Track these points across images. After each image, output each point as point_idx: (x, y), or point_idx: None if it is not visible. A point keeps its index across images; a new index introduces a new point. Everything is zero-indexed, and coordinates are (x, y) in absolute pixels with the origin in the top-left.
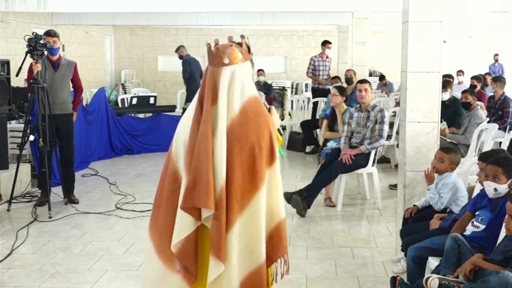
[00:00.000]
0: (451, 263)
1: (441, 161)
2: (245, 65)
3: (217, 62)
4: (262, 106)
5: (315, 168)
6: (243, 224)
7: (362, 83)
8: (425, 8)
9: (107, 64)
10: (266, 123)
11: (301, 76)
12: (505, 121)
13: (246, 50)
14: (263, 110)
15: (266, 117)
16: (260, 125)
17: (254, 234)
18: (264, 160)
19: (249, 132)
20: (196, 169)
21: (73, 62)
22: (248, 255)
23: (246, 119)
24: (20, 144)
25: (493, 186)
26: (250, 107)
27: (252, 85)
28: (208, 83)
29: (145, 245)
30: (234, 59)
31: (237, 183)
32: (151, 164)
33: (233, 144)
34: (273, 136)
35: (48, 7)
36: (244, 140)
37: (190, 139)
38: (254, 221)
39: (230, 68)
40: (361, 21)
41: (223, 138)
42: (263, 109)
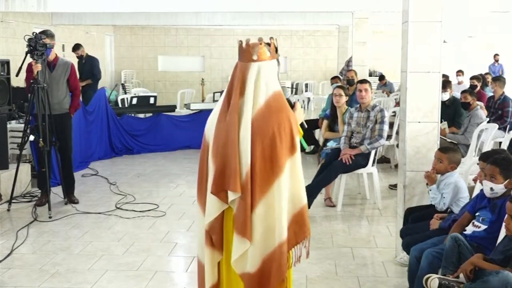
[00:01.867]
0: (451, 263)
1: (440, 161)
2: (272, 63)
3: (246, 58)
4: (284, 101)
5: (315, 168)
6: (265, 206)
7: (362, 83)
8: (425, 8)
9: (107, 64)
10: (287, 116)
11: (301, 76)
12: (505, 121)
13: (274, 50)
14: (285, 105)
15: (287, 111)
16: (282, 118)
17: (275, 217)
18: (285, 150)
19: (271, 124)
20: (224, 156)
21: (70, 63)
22: (270, 235)
23: (270, 112)
24: (20, 144)
25: (490, 186)
26: (274, 101)
27: (276, 82)
28: (238, 77)
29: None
30: (262, 56)
31: (259, 169)
32: (151, 164)
33: (256, 134)
34: (294, 129)
35: (48, 7)
36: (266, 131)
37: (217, 129)
38: (275, 205)
39: (258, 64)
40: (361, 21)
41: (248, 128)
42: (285, 104)
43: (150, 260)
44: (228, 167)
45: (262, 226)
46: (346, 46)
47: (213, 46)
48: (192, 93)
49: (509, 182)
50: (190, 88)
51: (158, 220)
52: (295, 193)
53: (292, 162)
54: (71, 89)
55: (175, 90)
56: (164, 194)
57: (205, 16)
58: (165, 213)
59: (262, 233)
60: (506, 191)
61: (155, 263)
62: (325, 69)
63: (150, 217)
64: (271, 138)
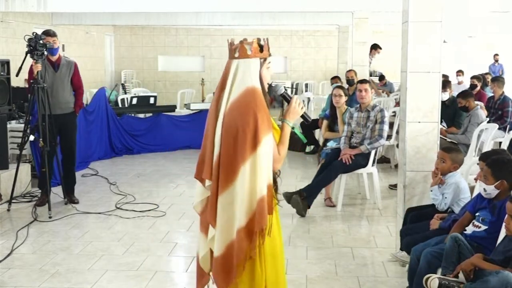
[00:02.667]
0: (451, 263)
1: (443, 161)
2: (252, 61)
3: (230, 56)
4: (255, 97)
5: (315, 168)
6: (228, 196)
7: (362, 83)
8: (425, 8)
9: (107, 64)
10: (254, 112)
11: (301, 76)
12: (505, 121)
13: (257, 49)
14: (255, 101)
15: (255, 107)
16: (248, 114)
17: (236, 206)
18: (247, 145)
19: (236, 119)
20: (204, 146)
21: (73, 62)
22: (232, 223)
23: (238, 107)
24: (20, 144)
25: (482, 186)
26: (244, 97)
27: (253, 78)
28: (223, 73)
29: None
30: (242, 54)
31: (225, 161)
32: (151, 164)
33: (224, 127)
34: (260, 125)
35: (48, 7)
36: (232, 126)
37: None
38: (237, 196)
39: (238, 61)
40: (361, 21)
41: (220, 121)
42: (255, 100)
43: (150, 260)
44: (206, 156)
45: (226, 214)
46: (346, 46)
47: (213, 46)
48: (192, 93)
49: (501, 184)
50: (190, 88)
51: (158, 220)
52: (255, 186)
53: (254, 158)
54: (75, 88)
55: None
56: (164, 194)
57: (205, 16)
58: (165, 213)
59: (226, 220)
60: (501, 192)
61: (155, 263)
62: (325, 69)
63: (150, 217)
64: (235, 132)
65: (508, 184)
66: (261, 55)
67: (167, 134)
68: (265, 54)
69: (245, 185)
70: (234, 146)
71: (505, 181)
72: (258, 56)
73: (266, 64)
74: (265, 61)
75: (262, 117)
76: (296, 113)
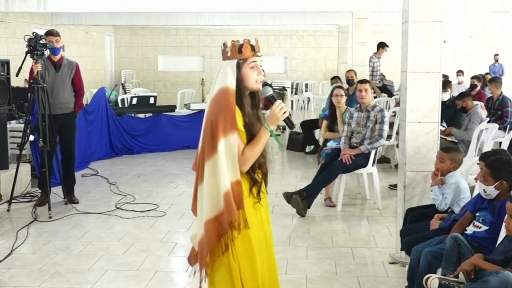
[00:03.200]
0: (451, 263)
1: (442, 161)
2: (230, 62)
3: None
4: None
5: (315, 168)
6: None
7: (362, 83)
8: (425, 8)
9: (107, 64)
10: (219, 111)
11: (301, 76)
12: (505, 121)
13: (235, 50)
14: (224, 100)
15: (222, 106)
16: (213, 112)
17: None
18: (210, 143)
19: (206, 116)
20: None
21: (75, 62)
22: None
23: (209, 105)
24: (20, 144)
25: (482, 187)
26: (216, 96)
27: (228, 79)
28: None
29: None
30: (224, 56)
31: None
32: (151, 164)
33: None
34: (220, 124)
35: (48, 7)
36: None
37: None
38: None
39: (222, 62)
40: (361, 21)
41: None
42: (225, 99)
43: (150, 260)
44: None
45: (200, 206)
46: (346, 46)
47: (213, 46)
48: (192, 93)
49: (500, 184)
50: (190, 88)
51: (158, 220)
52: (217, 182)
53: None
54: (76, 88)
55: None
56: (164, 194)
57: (205, 16)
58: (165, 213)
59: (199, 212)
60: (501, 193)
61: (155, 263)
62: (325, 69)
63: (150, 217)
64: (205, 131)
65: (507, 185)
66: (240, 56)
67: (167, 134)
68: (246, 54)
69: (210, 181)
70: (202, 143)
71: (504, 181)
72: (237, 57)
73: (247, 64)
74: (246, 61)
75: (225, 116)
76: (276, 117)
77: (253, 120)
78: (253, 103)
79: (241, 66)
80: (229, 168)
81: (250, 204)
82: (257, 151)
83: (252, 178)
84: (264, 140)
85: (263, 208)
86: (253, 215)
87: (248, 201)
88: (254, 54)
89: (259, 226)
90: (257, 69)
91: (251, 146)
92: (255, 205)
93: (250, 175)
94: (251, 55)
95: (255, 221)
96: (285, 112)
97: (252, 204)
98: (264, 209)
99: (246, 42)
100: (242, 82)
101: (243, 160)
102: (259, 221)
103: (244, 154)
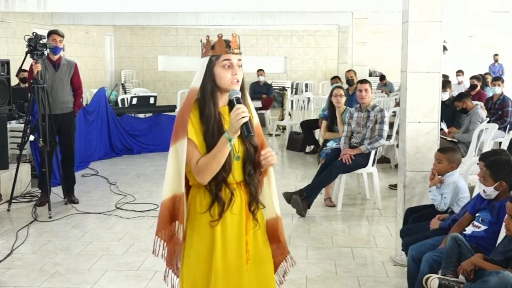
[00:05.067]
0: (451, 263)
1: (439, 161)
2: (202, 60)
3: None
4: (187, 99)
5: (315, 168)
6: None
7: (362, 83)
8: (425, 8)
9: (107, 64)
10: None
11: (301, 76)
12: (504, 120)
13: (208, 46)
14: (184, 103)
15: (180, 110)
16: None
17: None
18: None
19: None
20: None
21: (73, 62)
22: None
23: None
24: (20, 144)
25: (482, 188)
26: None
27: (197, 78)
28: None
29: None
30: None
31: None
32: (151, 164)
33: None
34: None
35: (48, 7)
36: None
37: None
38: None
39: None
40: (361, 21)
41: None
42: (185, 102)
43: (150, 260)
44: None
45: None
46: (346, 46)
47: None
48: None
49: (500, 185)
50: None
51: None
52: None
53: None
54: (75, 88)
55: (175, 90)
56: None
57: (205, 16)
58: None
59: None
60: (500, 193)
61: (155, 263)
62: (325, 69)
63: (150, 217)
64: None
65: (507, 185)
66: (213, 53)
67: (167, 134)
68: (218, 51)
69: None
70: None
71: (504, 182)
72: (209, 54)
73: (220, 62)
74: (218, 58)
75: (177, 122)
76: (233, 124)
77: (216, 128)
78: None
79: (214, 64)
80: (173, 178)
81: (205, 221)
82: (214, 162)
83: (214, 194)
84: (224, 151)
85: (231, 229)
86: (208, 234)
87: (202, 218)
88: (228, 51)
89: (212, 245)
90: (232, 68)
91: (207, 156)
92: (211, 223)
93: (210, 191)
94: (224, 52)
95: (207, 239)
96: (243, 117)
97: (207, 221)
98: (234, 231)
99: (219, 37)
100: (214, 82)
101: (196, 170)
102: (214, 240)
103: (198, 164)
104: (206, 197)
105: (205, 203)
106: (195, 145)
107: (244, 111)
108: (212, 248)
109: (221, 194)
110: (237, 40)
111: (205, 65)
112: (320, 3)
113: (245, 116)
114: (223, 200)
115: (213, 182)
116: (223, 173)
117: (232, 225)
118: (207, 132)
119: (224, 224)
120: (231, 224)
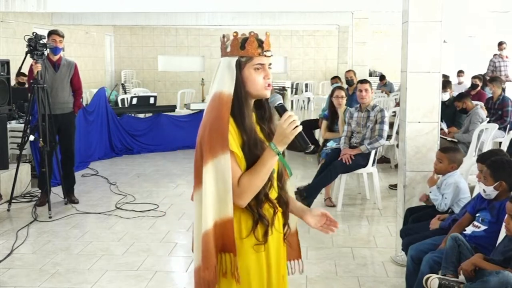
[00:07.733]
0: (451, 263)
1: (440, 161)
2: (229, 60)
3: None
4: (218, 106)
5: (315, 168)
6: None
7: (362, 83)
8: (425, 8)
9: (107, 64)
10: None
11: (301, 76)
12: (504, 120)
13: (237, 45)
14: (216, 110)
15: (212, 119)
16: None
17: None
18: (198, 166)
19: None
20: None
21: (73, 63)
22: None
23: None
24: (20, 144)
25: (482, 187)
26: (209, 103)
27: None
28: None
29: None
30: (223, 52)
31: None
32: (151, 164)
33: None
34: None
35: (48, 7)
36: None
37: None
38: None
39: (220, 59)
40: (361, 21)
41: None
42: (217, 109)
43: (150, 260)
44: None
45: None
46: (346, 46)
47: (213, 46)
48: (192, 93)
49: (500, 185)
50: (190, 88)
51: (158, 220)
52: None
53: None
54: (74, 88)
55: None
56: (164, 194)
57: (205, 16)
58: (165, 213)
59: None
60: (500, 193)
61: (155, 263)
62: (325, 69)
63: (150, 217)
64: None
65: (507, 185)
66: (242, 53)
67: (167, 134)
68: (250, 52)
69: (196, 219)
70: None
71: (504, 182)
72: (238, 54)
73: (251, 65)
74: (250, 61)
75: (212, 133)
76: (285, 135)
77: (256, 139)
78: (260, 115)
79: (242, 66)
80: (216, 201)
81: (249, 246)
82: (258, 180)
83: (257, 214)
84: (269, 166)
85: (273, 249)
86: (253, 260)
87: (246, 243)
88: (261, 52)
89: (259, 272)
90: (264, 71)
91: (250, 174)
92: (256, 247)
93: (252, 210)
94: (256, 54)
95: (254, 266)
96: (296, 127)
97: (252, 245)
98: (274, 250)
99: (252, 36)
100: (244, 87)
101: (238, 192)
102: (260, 266)
103: (240, 184)
104: (245, 219)
105: (246, 227)
106: (237, 160)
107: (296, 119)
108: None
109: (264, 212)
110: (269, 39)
111: (234, 67)
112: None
113: (299, 125)
114: (267, 219)
115: (253, 201)
116: (266, 189)
117: (273, 244)
118: (246, 144)
119: (267, 245)
120: (272, 243)
